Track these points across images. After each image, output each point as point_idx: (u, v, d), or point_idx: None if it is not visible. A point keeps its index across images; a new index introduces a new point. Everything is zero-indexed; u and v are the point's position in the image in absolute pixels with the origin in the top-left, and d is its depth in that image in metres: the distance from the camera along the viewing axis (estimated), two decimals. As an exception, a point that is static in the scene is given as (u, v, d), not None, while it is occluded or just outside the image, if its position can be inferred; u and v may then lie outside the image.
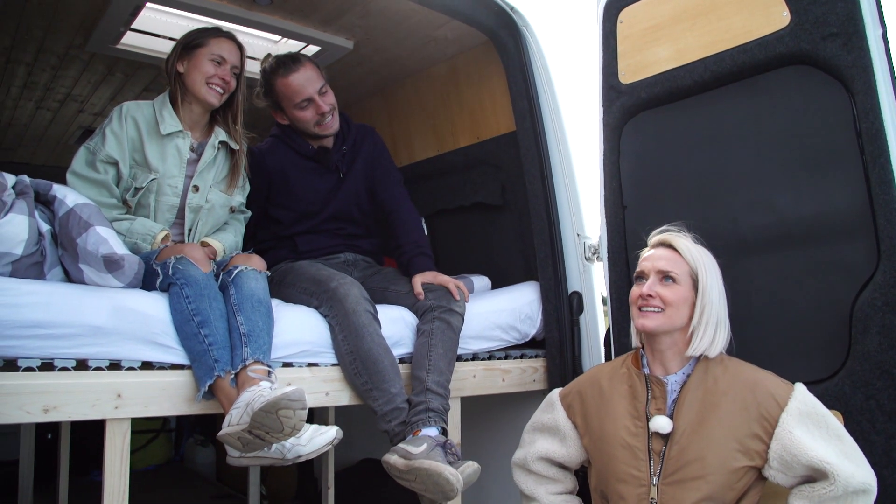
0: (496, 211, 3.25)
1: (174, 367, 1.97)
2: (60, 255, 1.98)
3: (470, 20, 2.77)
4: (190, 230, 2.40)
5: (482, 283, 3.11)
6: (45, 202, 2.02)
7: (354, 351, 2.19)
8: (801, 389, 1.78)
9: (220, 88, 2.38)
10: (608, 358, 2.54)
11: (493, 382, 2.62)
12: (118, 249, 1.92)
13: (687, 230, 1.99)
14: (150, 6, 2.75)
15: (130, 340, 1.90)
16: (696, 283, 1.89)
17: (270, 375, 1.94)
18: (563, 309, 2.71)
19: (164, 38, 3.04)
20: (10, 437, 3.80)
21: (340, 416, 3.39)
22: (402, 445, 2.09)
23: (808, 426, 1.71)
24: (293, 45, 3.16)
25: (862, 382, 1.93)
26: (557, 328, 2.72)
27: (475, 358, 2.65)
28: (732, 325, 1.96)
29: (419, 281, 2.52)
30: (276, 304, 2.25)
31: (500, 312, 2.72)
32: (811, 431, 1.70)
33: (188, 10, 2.78)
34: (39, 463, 3.50)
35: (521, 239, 3.09)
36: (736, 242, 2.22)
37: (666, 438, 1.81)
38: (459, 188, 3.38)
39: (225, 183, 2.48)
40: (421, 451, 2.04)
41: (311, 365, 2.22)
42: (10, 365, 1.74)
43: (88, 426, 1.83)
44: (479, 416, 2.86)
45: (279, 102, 2.64)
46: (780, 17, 2.11)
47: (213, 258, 2.29)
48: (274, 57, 2.65)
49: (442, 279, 2.51)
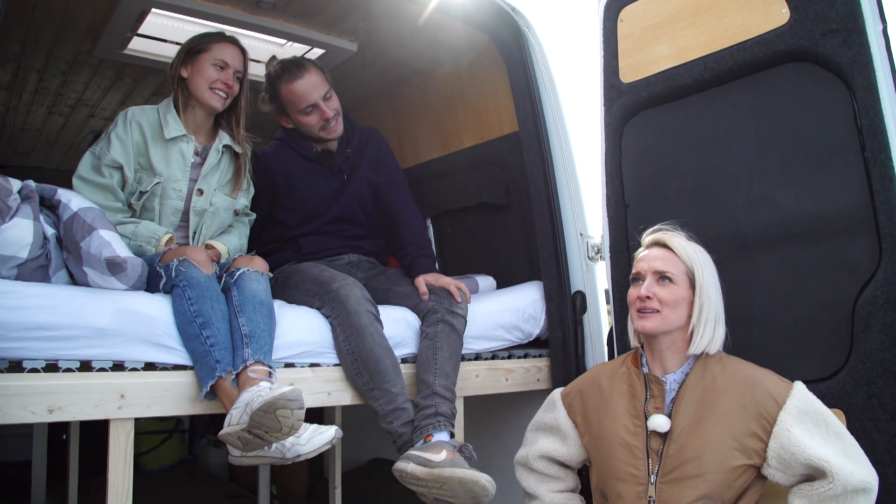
0: (501, 211, 3.25)
1: (177, 367, 1.99)
2: (65, 258, 2.01)
3: (471, 22, 2.78)
4: (195, 233, 2.43)
5: (487, 283, 3.11)
6: (50, 206, 2.06)
7: (355, 351, 2.21)
8: (799, 388, 1.77)
9: (223, 93, 2.41)
10: (611, 357, 2.54)
11: (496, 382, 2.63)
12: (121, 252, 1.95)
13: (680, 228, 1.99)
14: (155, 12, 2.78)
15: (133, 342, 1.92)
16: (692, 281, 1.89)
17: (271, 376, 1.96)
18: (566, 308, 2.71)
19: (170, 42, 3.07)
20: (24, 437, 3.85)
21: (350, 416, 3.41)
22: (417, 453, 2.08)
23: (806, 425, 1.71)
24: (298, 48, 3.18)
25: (864, 381, 1.91)
26: (561, 328, 2.72)
27: (478, 358, 2.66)
28: (734, 323, 1.96)
29: (422, 282, 2.52)
30: (278, 305, 2.27)
31: (503, 312, 2.73)
32: (810, 430, 1.70)
33: (193, 14, 2.81)
34: (53, 463, 3.55)
35: (525, 239, 3.09)
36: (737, 240, 2.21)
37: (664, 437, 1.81)
38: (464, 188, 3.39)
39: (229, 186, 2.51)
40: (443, 458, 2.04)
41: (312, 365, 2.23)
42: (15, 366, 1.77)
43: (100, 427, 1.86)
44: (482, 415, 2.87)
45: (284, 107, 2.66)
46: (779, 14, 2.10)
47: (216, 260, 2.32)
48: (279, 62, 2.67)
49: (443, 281, 2.52)
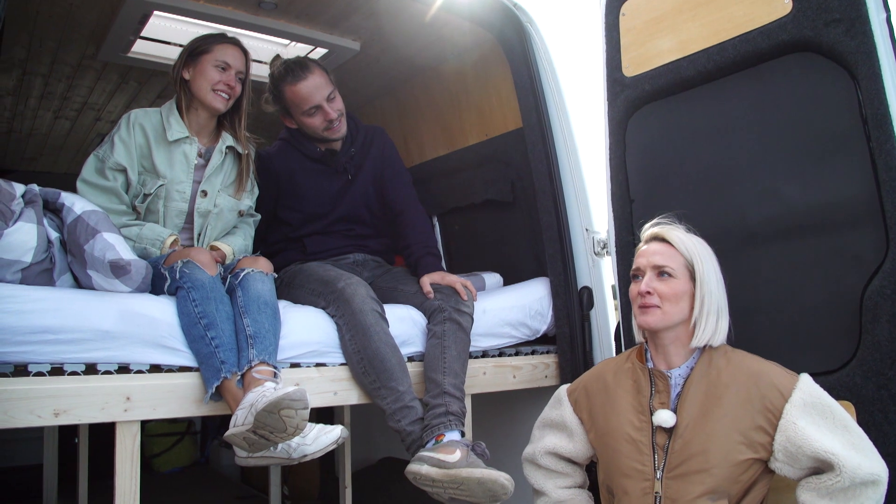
0: (507, 208, 3.24)
1: (182, 369, 1.99)
2: (70, 261, 2.01)
3: (474, 19, 2.78)
4: (199, 235, 2.43)
5: (494, 280, 3.11)
6: (54, 210, 2.06)
7: (361, 350, 2.20)
8: (805, 380, 1.75)
9: (225, 94, 2.41)
10: (619, 352, 2.53)
11: (503, 379, 2.62)
12: (125, 255, 1.95)
13: (679, 220, 1.97)
14: (157, 14, 2.79)
15: (138, 344, 1.92)
16: (692, 274, 1.88)
17: (276, 376, 1.96)
18: (573, 304, 2.70)
19: (173, 45, 3.08)
20: (35, 441, 3.87)
21: (360, 415, 3.42)
22: (429, 454, 2.07)
23: (812, 417, 1.69)
24: (301, 48, 3.18)
25: (873, 372, 1.89)
26: (568, 324, 2.71)
27: (485, 355, 2.65)
28: (741, 316, 1.94)
29: (427, 281, 2.52)
30: (283, 305, 2.27)
31: (510, 309, 2.72)
32: (816, 422, 1.68)
33: (195, 16, 2.81)
34: (64, 467, 3.57)
35: (531, 235, 3.08)
36: (743, 233, 2.20)
37: (670, 432, 1.80)
38: (470, 186, 3.39)
39: (233, 187, 2.51)
40: (458, 458, 2.03)
41: (318, 365, 2.23)
42: (20, 370, 1.77)
43: (110, 430, 1.86)
44: (490, 413, 2.87)
45: (288, 108, 2.66)
46: (781, 4, 2.08)
47: (221, 262, 2.32)
48: (282, 62, 2.66)
49: (449, 279, 2.51)
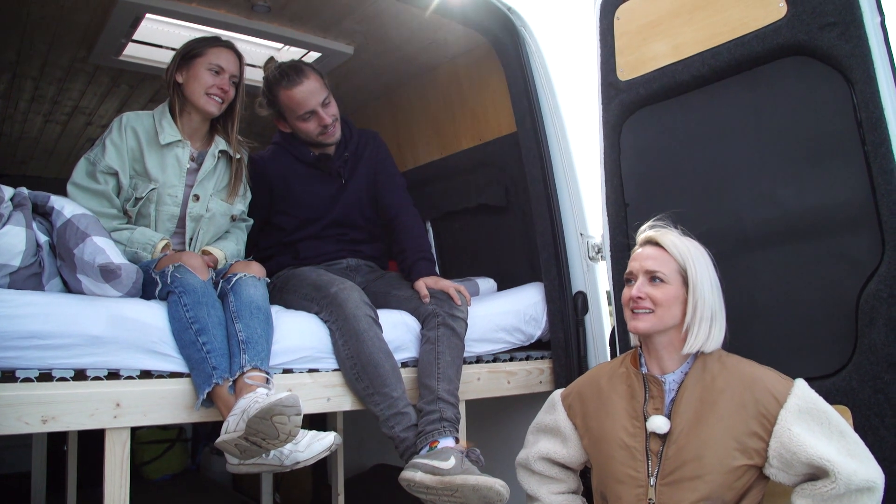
0: (501, 212, 3.23)
1: (173, 375, 1.97)
2: (59, 265, 1.99)
3: (467, 22, 2.77)
4: (191, 239, 2.41)
5: (488, 285, 3.09)
6: (43, 214, 2.04)
7: (355, 356, 2.18)
8: (800, 385, 1.74)
9: (218, 98, 2.40)
10: (614, 357, 2.52)
11: (498, 385, 2.60)
12: (115, 259, 1.92)
13: (673, 223, 1.96)
14: (149, 17, 2.77)
15: (129, 349, 1.90)
16: (685, 279, 1.87)
17: (268, 382, 1.94)
18: (567, 309, 2.69)
19: (165, 48, 3.06)
20: (23, 449, 3.83)
21: (352, 422, 3.39)
22: (423, 461, 2.05)
23: (807, 423, 1.68)
24: (294, 52, 3.17)
25: (870, 376, 1.89)
26: (562, 329, 2.69)
27: (479, 361, 2.63)
28: (737, 321, 1.93)
29: (422, 285, 2.50)
30: (276, 310, 2.26)
31: (504, 314, 2.70)
32: (811, 428, 1.67)
33: (188, 19, 2.80)
34: (53, 475, 3.53)
35: (525, 240, 3.07)
36: (739, 237, 2.19)
37: (664, 438, 1.79)
38: (464, 190, 3.38)
39: (225, 192, 2.49)
40: (453, 465, 2.01)
41: (311, 371, 2.21)
42: (8, 376, 1.75)
43: (100, 438, 1.84)
44: (485, 418, 2.85)
45: (282, 112, 2.64)
46: (776, 7, 2.08)
47: (213, 266, 2.30)
48: (277, 66, 2.64)
49: (443, 284, 2.50)
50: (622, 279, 2.43)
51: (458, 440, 2.16)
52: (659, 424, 1.79)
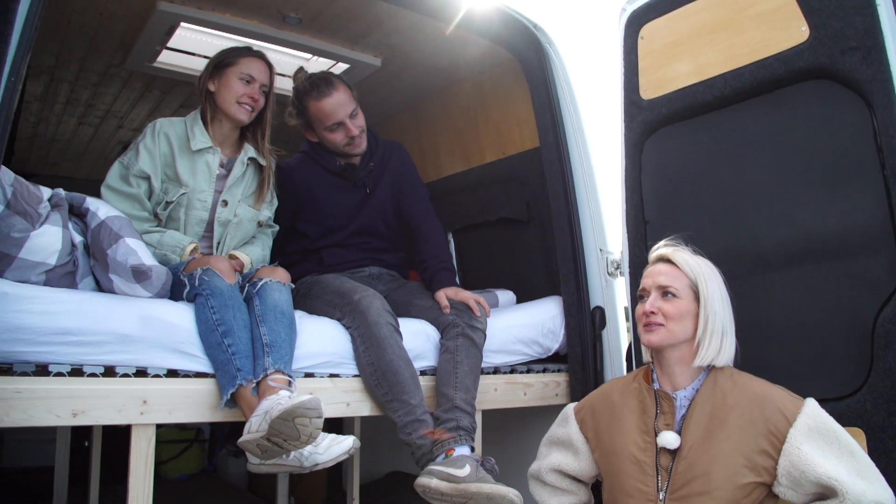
0: (521, 226, 3.26)
1: (198, 375, 2.02)
2: (92, 265, 2.05)
3: (495, 39, 2.81)
4: (218, 243, 2.47)
5: (507, 297, 3.12)
6: (78, 214, 2.10)
7: (375, 362, 2.23)
8: (811, 404, 1.76)
9: (249, 106, 2.46)
10: (630, 371, 2.54)
11: (514, 396, 2.64)
12: (146, 260, 1.99)
13: (685, 242, 2.00)
14: (184, 26, 2.85)
15: (157, 348, 1.96)
16: (697, 294, 1.90)
17: (291, 385, 1.98)
18: (585, 324, 2.71)
19: (198, 56, 3.14)
20: (46, 443, 3.90)
21: (368, 429, 3.43)
22: (439, 468, 2.08)
23: (817, 442, 1.70)
24: (323, 62, 3.23)
25: (884, 399, 1.90)
26: (580, 343, 2.72)
27: (497, 372, 2.66)
28: (753, 340, 1.96)
29: (443, 296, 2.54)
30: (299, 315, 2.30)
31: (522, 327, 2.73)
32: (821, 447, 1.69)
33: (221, 29, 2.87)
34: (76, 470, 3.59)
35: (545, 254, 3.10)
36: (757, 258, 2.21)
37: (673, 454, 1.81)
38: (485, 203, 3.41)
39: (253, 198, 2.55)
40: (468, 473, 2.04)
41: (332, 376, 2.26)
42: (41, 370, 1.81)
43: (123, 435, 1.89)
44: (500, 429, 2.87)
45: (310, 122, 2.70)
46: (798, 31, 2.11)
47: (239, 270, 2.35)
48: (307, 77, 2.70)
49: (463, 295, 2.53)
50: (640, 295, 2.47)
51: (473, 449, 2.20)
52: (669, 440, 1.82)
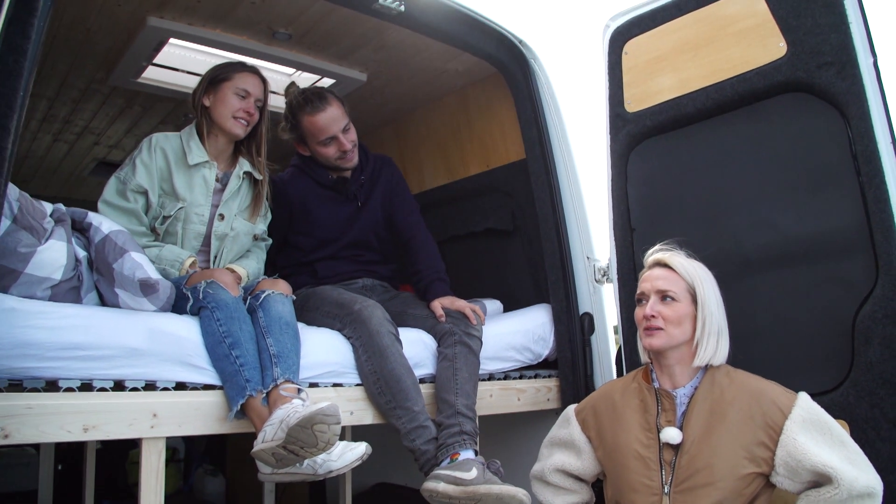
0: (506, 236, 3.34)
1: (207, 387, 2.03)
2: (96, 279, 2.05)
3: (481, 54, 2.89)
4: (215, 257, 2.48)
5: (494, 306, 3.18)
6: (80, 229, 2.11)
7: (378, 371, 2.27)
8: (804, 398, 1.86)
9: (244, 121, 2.48)
10: (619, 376, 2.62)
11: (508, 402, 2.70)
12: (152, 274, 1.99)
13: (679, 247, 2.09)
14: (172, 42, 2.85)
15: (165, 362, 1.97)
16: (694, 297, 1.99)
17: (301, 393, 2.01)
18: (574, 330, 2.79)
19: (183, 72, 3.15)
20: (27, 467, 3.82)
21: (356, 439, 3.43)
22: (446, 472, 2.11)
23: (811, 433, 1.79)
24: (308, 77, 3.27)
25: (866, 392, 2.02)
26: (570, 348, 2.79)
27: (491, 378, 2.72)
28: (739, 340, 2.05)
29: (439, 305, 2.59)
30: (300, 327, 2.32)
31: (514, 334, 2.80)
32: (815, 438, 1.79)
33: (209, 45, 2.88)
34: (59, 493, 3.52)
35: (530, 263, 3.18)
36: (740, 261, 2.32)
37: (676, 449, 1.89)
38: (470, 215, 3.48)
39: (248, 211, 2.57)
40: (475, 476, 2.08)
41: (335, 385, 2.29)
42: (51, 385, 1.81)
43: (106, 455, 1.87)
44: (494, 434, 2.92)
45: (304, 137, 2.73)
46: (777, 47, 2.24)
47: (239, 283, 2.37)
48: (300, 92, 2.73)
49: (459, 304, 2.59)
50: (629, 300, 2.56)
51: (477, 452, 2.24)
52: (672, 435, 1.90)
